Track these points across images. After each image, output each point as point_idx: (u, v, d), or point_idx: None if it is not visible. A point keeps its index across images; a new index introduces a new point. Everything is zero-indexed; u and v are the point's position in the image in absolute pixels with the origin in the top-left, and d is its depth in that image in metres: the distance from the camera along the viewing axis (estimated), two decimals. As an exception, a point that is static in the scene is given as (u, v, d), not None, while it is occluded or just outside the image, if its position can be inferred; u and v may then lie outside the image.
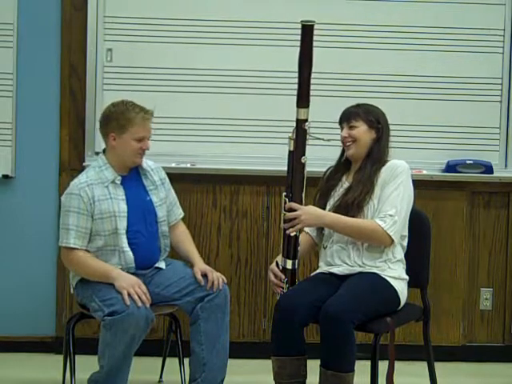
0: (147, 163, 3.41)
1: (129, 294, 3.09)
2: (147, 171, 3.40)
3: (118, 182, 3.30)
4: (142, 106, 3.29)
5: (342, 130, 3.26)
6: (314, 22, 3.05)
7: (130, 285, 3.12)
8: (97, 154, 4.00)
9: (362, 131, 3.22)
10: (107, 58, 4.02)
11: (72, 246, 3.22)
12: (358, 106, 3.28)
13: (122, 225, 3.26)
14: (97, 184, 3.26)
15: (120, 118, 3.25)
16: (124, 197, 3.29)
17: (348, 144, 3.24)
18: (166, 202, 3.43)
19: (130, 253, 3.27)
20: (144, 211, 3.34)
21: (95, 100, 4.02)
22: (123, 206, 3.27)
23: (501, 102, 4.11)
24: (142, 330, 3.09)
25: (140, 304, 3.08)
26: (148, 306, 3.13)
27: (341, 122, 3.28)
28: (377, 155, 3.21)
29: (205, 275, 3.29)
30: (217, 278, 3.29)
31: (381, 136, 3.22)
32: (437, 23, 4.06)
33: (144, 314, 3.09)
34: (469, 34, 4.07)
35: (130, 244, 3.28)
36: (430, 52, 4.06)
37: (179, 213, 3.53)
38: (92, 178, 3.28)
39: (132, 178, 3.36)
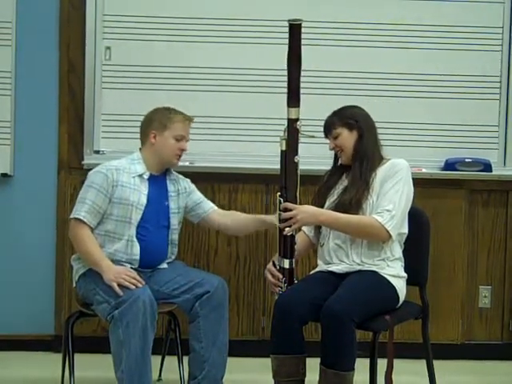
0: (178, 175, 3.53)
1: (119, 285, 3.14)
2: (175, 178, 3.50)
3: (146, 177, 3.38)
4: (183, 112, 3.44)
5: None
6: (301, 20, 3.04)
7: (118, 274, 3.17)
8: (96, 152, 4.03)
9: (345, 137, 3.23)
10: (106, 57, 4.02)
11: (81, 218, 3.27)
12: (333, 113, 3.29)
13: (136, 216, 3.32)
14: (125, 172, 3.35)
15: (162, 118, 3.40)
16: (146, 192, 3.36)
17: (338, 154, 3.29)
18: (183, 211, 3.51)
19: (137, 244, 3.31)
20: (159, 214, 3.40)
21: (94, 98, 4.02)
22: (143, 200, 3.34)
23: (499, 100, 4.11)
24: (150, 314, 3.08)
25: (133, 287, 3.13)
26: (145, 286, 3.17)
27: (326, 135, 3.30)
28: (363, 153, 3.21)
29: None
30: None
31: (362, 134, 3.23)
32: (435, 21, 4.06)
33: (147, 293, 3.13)
34: (468, 32, 4.07)
35: (137, 239, 3.33)
36: (428, 50, 4.06)
37: (212, 205, 3.58)
38: (123, 165, 3.38)
39: (158, 180, 3.44)
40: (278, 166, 3.17)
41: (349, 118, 3.24)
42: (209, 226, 3.64)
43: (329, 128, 3.27)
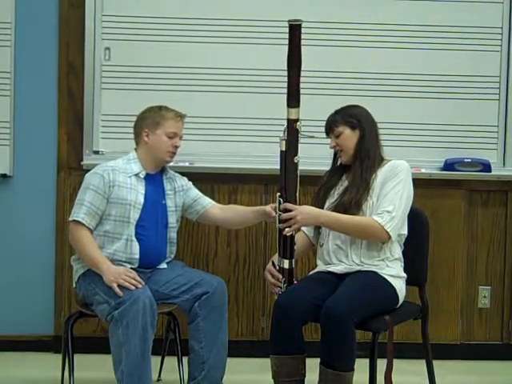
0: (174, 173, 3.53)
1: (119, 285, 3.15)
2: (171, 177, 3.50)
3: (142, 177, 3.39)
4: (175, 109, 3.45)
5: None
6: (301, 21, 3.04)
7: (118, 275, 3.17)
8: (95, 152, 4.02)
9: (347, 136, 3.24)
10: (105, 57, 4.02)
11: (80, 220, 3.28)
12: (336, 112, 3.30)
13: (135, 215, 3.33)
14: (121, 172, 3.36)
15: (154, 116, 3.42)
16: (143, 191, 3.37)
17: (339, 153, 3.29)
18: (180, 209, 3.51)
19: (137, 243, 3.32)
20: (157, 213, 3.41)
21: (93, 99, 4.02)
22: (140, 199, 3.35)
23: (499, 100, 4.11)
24: (150, 314, 3.09)
25: (133, 288, 3.13)
26: (145, 287, 3.18)
27: (327, 134, 3.30)
28: (365, 152, 3.22)
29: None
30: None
31: (364, 133, 3.23)
32: (435, 21, 4.05)
33: (147, 294, 3.14)
34: (467, 32, 4.07)
35: (136, 238, 3.33)
36: (427, 50, 4.06)
37: (210, 200, 3.58)
38: (119, 165, 3.39)
39: (155, 179, 3.44)
40: (278, 167, 3.17)
41: (351, 117, 3.24)
42: (208, 221, 3.63)
43: (331, 126, 3.27)
